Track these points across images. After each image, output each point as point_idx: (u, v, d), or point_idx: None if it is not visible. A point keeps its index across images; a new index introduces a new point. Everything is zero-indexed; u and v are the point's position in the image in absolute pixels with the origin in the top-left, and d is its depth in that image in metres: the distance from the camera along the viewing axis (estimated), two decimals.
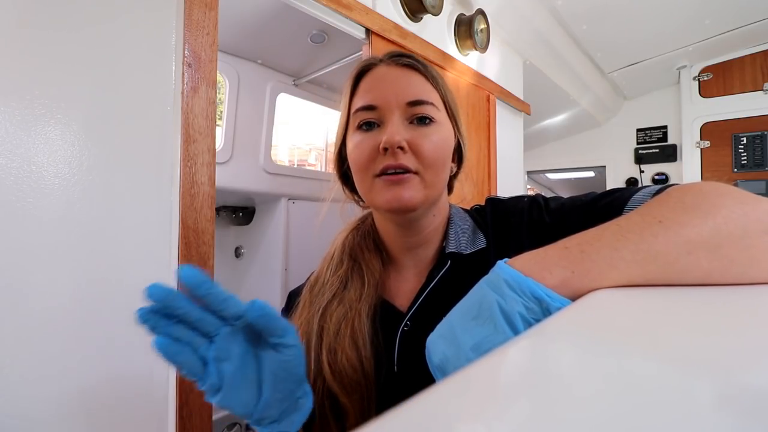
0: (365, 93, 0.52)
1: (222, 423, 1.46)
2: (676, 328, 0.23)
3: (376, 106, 0.50)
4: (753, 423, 0.13)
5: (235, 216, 1.91)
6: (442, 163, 0.51)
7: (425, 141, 0.49)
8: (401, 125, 0.49)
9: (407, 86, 0.51)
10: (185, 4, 0.67)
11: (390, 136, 0.47)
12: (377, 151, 0.49)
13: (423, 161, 0.49)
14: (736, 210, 0.31)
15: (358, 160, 0.51)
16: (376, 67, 0.53)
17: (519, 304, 0.29)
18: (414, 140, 0.49)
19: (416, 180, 0.49)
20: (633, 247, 0.30)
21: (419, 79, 0.52)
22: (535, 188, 4.06)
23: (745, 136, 2.53)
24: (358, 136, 0.51)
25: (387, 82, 0.51)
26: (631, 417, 0.13)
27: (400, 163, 0.48)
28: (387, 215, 0.53)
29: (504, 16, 1.66)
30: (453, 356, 0.30)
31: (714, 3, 1.96)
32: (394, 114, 0.49)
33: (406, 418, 0.15)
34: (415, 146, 0.49)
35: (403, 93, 0.50)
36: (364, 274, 0.55)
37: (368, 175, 0.50)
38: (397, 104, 0.50)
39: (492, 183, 1.63)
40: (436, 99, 0.52)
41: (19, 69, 0.53)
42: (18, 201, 0.52)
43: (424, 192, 0.49)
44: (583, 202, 0.47)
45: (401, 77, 0.51)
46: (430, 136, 0.50)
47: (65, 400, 0.54)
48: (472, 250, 0.53)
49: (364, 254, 0.57)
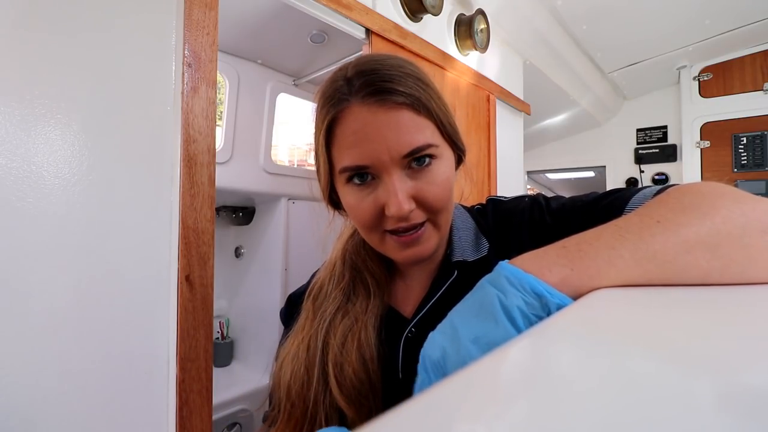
0: (349, 149, 0.43)
1: (222, 423, 1.46)
2: (676, 327, 0.23)
3: (367, 165, 0.43)
4: (753, 423, 0.13)
5: (235, 216, 1.91)
6: (450, 200, 0.47)
7: (431, 189, 0.44)
8: (402, 182, 0.43)
9: (399, 135, 0.42)
10: (185, 4, 0.67)
11: (397, 207, 0.42)
12: (381, 211, 0.44)
13: (432, 210, 0.45)
14: (735, 210, 0.31)
15: (360, 221, 0.46)
16: (349, 107, 0.43)
17: (519, 299, 0.29)
18: (419, 193, 0.44)
19: (429, 228, 0.46)
20: (631, 247, 0.30)
21: (410, 119, 0.43)
22: (535, 188, 4.05)
23: (745, 136, 2.53)
24: (351, 191, 0.46)
25: (373, 134, 0.42)
26: (631, 417, 0.13)
27: (411, 223, 0.44)
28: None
29: (504, 16, 1.66)
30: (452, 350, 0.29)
31: (714, 3, 1.96)
32: (391, 171, 0.43)
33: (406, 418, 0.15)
34: (421, 198, 0.44)
35: (396, 145, 0.42)
36: (369, 285, 0.53)
37: (377, 233, 0.47)
38: (392, 160, 0.42)
39: (492, 183, 1.63)
40: (431, 132, 0.45)
41: (19, 69, 0.53)
42: (18, 201, 0.52)
43: (439, 235, 0.47)
44: (584, 202, 0.47)
45: (388, 125, 0.42)
46: (434, 180, 0.44)
47: (65, 399, 0.54)
48: (477, 256, 0.51)
49: (368, 264, 0.54)
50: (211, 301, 0.69)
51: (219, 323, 1.81)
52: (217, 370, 1.66)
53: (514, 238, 0.51)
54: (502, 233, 0.53)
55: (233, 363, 1.80)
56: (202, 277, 0.68)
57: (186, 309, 0.65)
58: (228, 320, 1.85)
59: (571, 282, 0.30)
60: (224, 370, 1.73)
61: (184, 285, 0.65)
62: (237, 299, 1.89)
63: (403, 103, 0.43)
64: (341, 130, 0.44)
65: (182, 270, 0.65)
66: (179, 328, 0.65)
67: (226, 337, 1.82)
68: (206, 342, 0.68)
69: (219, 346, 1.76)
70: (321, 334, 0.50)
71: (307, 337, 0.51)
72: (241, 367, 1.77)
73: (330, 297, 0.53)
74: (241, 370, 1.74)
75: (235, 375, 1.69)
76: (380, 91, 0.43)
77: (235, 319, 1.87)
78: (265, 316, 1.75)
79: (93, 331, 0.57)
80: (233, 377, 1.66)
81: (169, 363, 0.64)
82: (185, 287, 0.66)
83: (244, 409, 1.52)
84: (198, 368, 0.67)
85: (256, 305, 1.80)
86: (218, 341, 1.77)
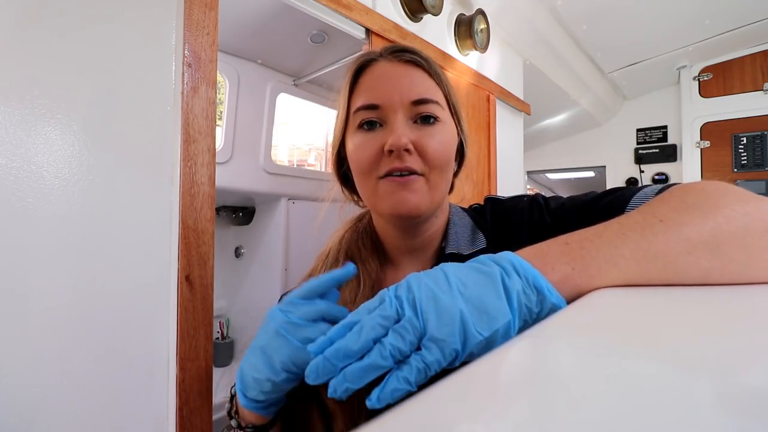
0: (366, 91, 0.50)
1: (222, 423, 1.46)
2: (676, 327, 0.23)
3: (379, 105, 0.48)
4: (753, 423, 0.13)
5: (235, 216, 1.90)
6: (447, 164, 0.50)
7: (431, 141, 0.47)
8: (406, 125, 0.48)
9: (411, 84, 0.49)
10: (185, 4, 0.67)
11: (396, 138, 0.45)
12: (381, 152, 0.47)
13: (429, 162, 0.48)
14: (738, 210, 0.31)
15: (360, 162, 0.49)
16: (376, 62, 0.51)
17: (519, 285, 0.28)
18: (420, 141, 0.47)
19: (421, 182, 0.48)
20: (633, 246, 0.30)
21: (423, 77, 0.50)
22: (535, 188, 4.05)
23: (745, 136, 2.53)
24: (359, 136, 0.49)
25: (389, 80, 0.49)
26: (631, 417, 0.13)
27: (406, 165, 0.46)
28: (390, 219, 0.52)
29: (504, 16, 1.66)
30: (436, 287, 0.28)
31: (714, 3, 1.95)
32: (398, 114, 0.48)
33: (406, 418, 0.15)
34: (421, 147, 0.47)
35: (407, 91, 0.48)
36: (360, 274, 0.53)
37: (371, 178, 0.49)
38: (401, 103, 0.48)
39: (492, 183, 1.63)
40: (440, 97, 0.50)
41: (19, 69, 0.53)
42: (18, 201, 0.52)
43: (429, 195, 0.48)
44: (584, 201, 0.47)
45: (405, 74, 0.49)
46: (435, 136, 0.48)
47: (65, 399, 0.54)
48: (471, 250, 0.52)
49: (362, 253, 0.55)
50: (211, 301, 0.69)
51: (219, 323, 1.81)
52: (217, 370, 1.66)
53: (512, 236, 0.51)
54: (500, 231, 0.53)
55: (233, 363, 1.80)
56: (202, 277, 0.68)
57: (186, 309, 0.65)
58: (228, 320, 1.85)
59: (572, 280, 0.30)
60: (224, 370, 1.73)
61: (184, 285, 0.65)
62: (237, 299, 1.89)
63: (420, 64, 0.51)
64: (364, 80, 0.51)
65: (182, 270, 0.65)
66: (179, 328, 0.65)
67: (226, 337, 1.81)
68: (206, 342, 0.68)
69: (219, 346, 1.76)
70: None
71: None
72: None
73: None
74: None
75: (235, 375, 1.68)
76: (402, 51, 0.51)
77: (235, 319, 1.87)
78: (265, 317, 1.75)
79: (93, 331, 0.57)
80: (233, 377, 1.65)
81: (169, 363, 0.64)
82: (185, 287, 0.66)
83: None
84: (198, 368, 0.67)
85: (256, 305, 1.80)
86: (218, 341, 1.77)
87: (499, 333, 0.27)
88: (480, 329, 0.26)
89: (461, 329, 0.26)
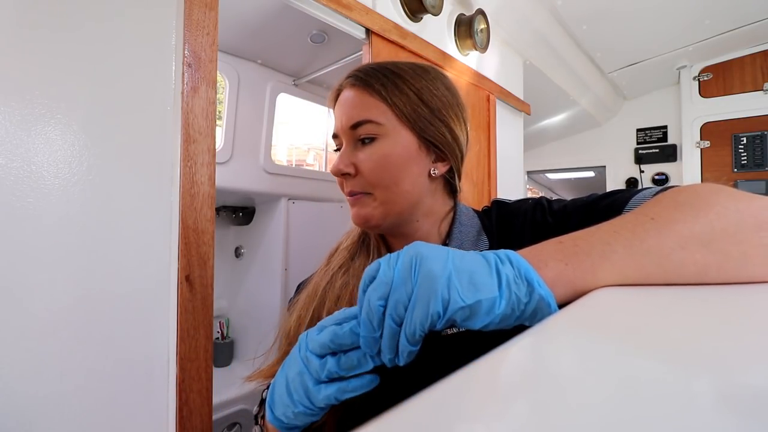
0: (334, 120, 0.55)
1: (222, 423, 1.46)
2: (676, 327, 0.23)
3: (337, 134, 0.54)
4: (753, 423, 0.13)
5: (235, 216, 1.91)
6: (390, 178, 0.51)
7: (365, 163, 0.51)
8: (348, 150, 0.52)
9: (350, 109, 0.52)
10: (185, 4, 0.67)
11: (333, 165, 0.52)
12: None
13: (369, 183, 0.51)
14: (730, 207, 0.31)
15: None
16: (342, 91, 0.55)
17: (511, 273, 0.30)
18: (357, 163, 0.51)
19: (368, 200, 0.52)
20: (625, 242, 0.31)
21: (361, 97, 0.52)
22: (535, 188, 4.06)
23: (745, 136, 2.53)
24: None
25: (340, 108, 0.54)
26: (631, 417, 0.13)
27: (348, 189, 0.52)
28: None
29: (504, 16, 1.66)
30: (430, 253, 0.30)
31: (714, 3, 1.96)
32: (347, 140, 0.53)
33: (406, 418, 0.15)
34: (358, 169, 0.51)
35: (346, 118, 0.52)
36: (371, 249, 0.57)
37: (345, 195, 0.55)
38: (344, 130, 0.53)
39: (492, 183, 1.63)
40: (377, 113, 0.51)
41: (19, 69, 0.53)
42: (18, 201, 0.52)
43: (380, 209, 0.52)
44: (585, 202, 0.48)
45: (347, 101, 0.53)
46: (369, 156, 0.51)
47: (65, 400, 0.54)
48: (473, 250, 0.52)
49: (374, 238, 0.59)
50: (211, 301, 0.69)
51: (219, 323, 1.81)
52: (217, 370, 1.66)
53: (516, 238, 0.51)
54: (503, 233, 0.54)
55: (233, 363, 1.80)
56: (202, 277, 0.68)
57: (186, 309, 0.65)
58: (228, 320, 1.85)
59: (566, 276, 0.30)
60: (224, 370, 1.73)
61: (184, 285, 0.65)
62: (237, 299, 1.89)
63: (357, 85, 0.53)
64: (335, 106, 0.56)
65: (182, 270, 0.65)
66: (179, 328, 0.65)
67: (226, 337, 1.82)
68: (206, 342, 0.68)
69: (219, 346, 1.76)
70: (322, 285, 0.54)
71: (313, 287, 0.55)
72: (241, 367, 1.76)
73: (340, 255, 0.58)
74: (241, 370, 1.74)
75: (235, 375, 1.68)
76: (355, 74, 0.54)
77: (235, 319, 1.87)
78: (265, 317, 1.75)
79: (93, 331, 0.57)
80: (233, 377, 1.66)
81: (169, 363, 0.64)
82: (185, 287, 0.66)
83: (244, 409, 1.52)
84: (198, 368, 0.67)
85: (256, 305, 1.80)
86: (218, 341, 1.77)
87: (483, 306, 0.28)
88: (464, 296, 0.28)
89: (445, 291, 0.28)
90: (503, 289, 0.29)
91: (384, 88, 0.52)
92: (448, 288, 0.28)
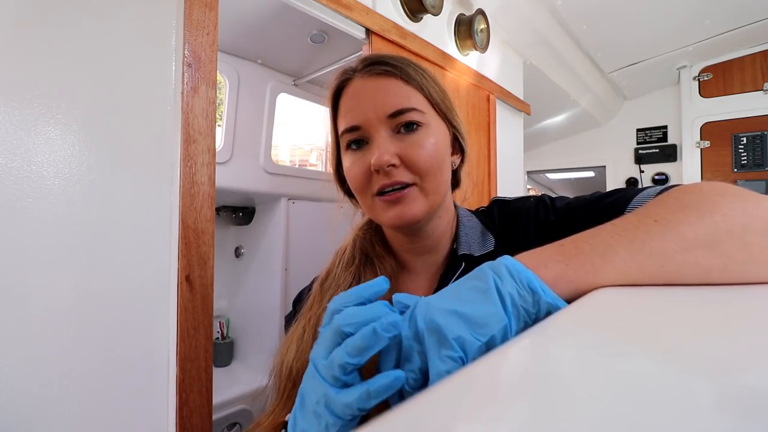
0: (346, 113, 0.50)
1: (222, 423, 1.46)
2: (677, 327, 0.23)
3: (359, 126, 0.49)
4: (753, 423, 0.13)
5: (235, 216, 1.90)
6: (438, 167, 0.49)
7: (416, 150, 0.48)
8: (388, 140, 0.48)
9: (386, 97, 0.49)
10: (185, 4, 0.67)
11: (378, 157, 0.46)
12: (370, 170, 0.48)
13: (418, 171, 0.48)
14: (736, 208, 0.31)
15: (354, 183, 0.50)
16: (351, 81, 0.52)
17: (513, 289, 0.29)
18: (404, 152, 0.47)
19: (415, 191, 0.48)
20: (627, 244, 0.31)
21: (397, 85, 0.50)
22: (535, 188, 4.05)
23: (745, 136, 2.53)
24: (349, 156, 0.50)
25: (364, 97, 0.49)
26: (631, 417, 0.13)
27: (394, 180, 0.47)
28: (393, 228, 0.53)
29: (504, 16, 1.66)
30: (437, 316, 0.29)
31: (714, 3, 1.95)
32: (379, 130, 0.48)
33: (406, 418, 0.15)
34: (406, 158, 0.47)
35: (382, 106, 0.48)
36: (377, 269, 0.54)
37: (367, 196, 0.50)
38: (379, 119, 0.48)
39: (492, 183, 1.63)
40: (419, 101, 0.50)
41: (19, 69, 0.53)
42: (18, 201, 0.52)
43: (426, 201, 0.49)
44: (588, 200, 0.48)
45: (378, 89, 0.49)
46: (420, 143, 0.48)
47: (65, 399, 0.54)
48: (483, 252, 0.52)
49: (376, 250, 0.56)
50: (211, 301, 0.69)
51: (219, 323, 1.81)
52: (217, 370, 1.66)
53: (520, 237, 0.51)
54: (508, 232, 0.54)
55: (233, 363, 1.80)
56: (202, 277, 0.68)
57: (186, 309, 0.65)
58: (228, 320, 1.85)
59: (567, 276, 0.30)
60: (224, 370, 1.73)
61: (184, 285, 0.65)
62: (237, 299, 1.89)
63: (392, 73, 0.50)
64: (344, 100, 0.51)
65: (182, 270, 0.65)
66: (179, 328, 0.65)
67: (226, 337, 1.81)
68: (206, 342, 0.68)
69: (219, 346, 1.76)
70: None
71: (314, 317, 0.51)
72: (241, 367, 1.76)
73: (339, 279, 0.54)
74: (241, 370, 1.73)
75: (235, 375, 1.68)
76: (374, 63, 0.50)
77: (235, 319, 1.87)
78: (265, 317, 1.75)
79: (93, 331, 0.57)
80: (233, 377, 1.65)
81: (169, 363, 0.64)
82: (185, 287, 0.66)
83: (244, 409, 1.52)
84: (198, 368, 0.67)
85: (256, 305, 1.80)
86: (218, 341, 1.77)
87: (497, 337, 0.28)
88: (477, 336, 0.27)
89: (460, 345, 0.27)
90: (509, 311, 0.28)
91: (416, 79, 0.50)
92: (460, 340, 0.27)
